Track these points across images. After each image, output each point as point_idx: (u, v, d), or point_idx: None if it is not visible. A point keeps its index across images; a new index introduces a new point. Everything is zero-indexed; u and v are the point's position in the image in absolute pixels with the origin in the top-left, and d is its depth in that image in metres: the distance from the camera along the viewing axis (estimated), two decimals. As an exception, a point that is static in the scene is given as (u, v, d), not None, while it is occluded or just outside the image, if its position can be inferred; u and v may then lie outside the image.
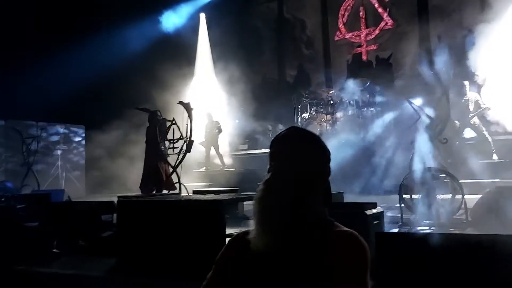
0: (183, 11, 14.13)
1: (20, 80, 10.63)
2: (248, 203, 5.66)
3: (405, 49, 11.57)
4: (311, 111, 12.08)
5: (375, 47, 13.51)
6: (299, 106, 12.35)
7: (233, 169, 11.39)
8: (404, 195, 5.59)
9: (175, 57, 12.39)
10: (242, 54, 13.33)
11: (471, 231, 4.68)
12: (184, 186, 8.38)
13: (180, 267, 3.74)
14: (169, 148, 8.52)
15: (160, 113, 8.66)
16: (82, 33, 11.49)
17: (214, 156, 11.80)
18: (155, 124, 8.45)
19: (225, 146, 12.31)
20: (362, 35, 13.71)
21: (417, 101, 6.09)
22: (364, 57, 13.69)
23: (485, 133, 8.74)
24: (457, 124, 8.66)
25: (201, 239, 3.77)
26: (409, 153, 5.91)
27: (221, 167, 11.58)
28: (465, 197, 5.23)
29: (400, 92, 9.78)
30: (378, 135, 9.80)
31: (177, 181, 8.32)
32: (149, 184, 8.33)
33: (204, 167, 11.91)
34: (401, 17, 13.03)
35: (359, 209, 3.84)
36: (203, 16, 14.49)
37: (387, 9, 13.27)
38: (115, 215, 5.23)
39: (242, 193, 6.50)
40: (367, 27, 13.69)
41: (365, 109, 10.97)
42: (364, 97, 11.11)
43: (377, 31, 13.45)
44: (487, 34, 8.15)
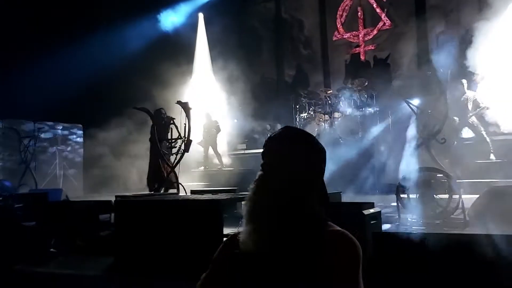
0: (181, 10, 14.15)
1: (18, 79, 10.59)
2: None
3: (403, 49, 11.59)
4: (309, 111, 12.11)
5: (373, 47, 13.53)
6: (298, 105, 12.37)
7: (232, 169, 11.38)
8: (401, 195, 5.60)
9: (173, 56, 12.38)
10: (240, 53, 13.34)
11: (468, 231, 4.69)
12: (182, 185, 8.37)
13: (177, 266, 3.74)
14: (168, 148, 8.52)
15: (164, 111, 8.66)
16: (80, 32, 11.45)
17: (212, 155, 11.79)
18: (160, 122, 8.45)
19: (223, 145, 12.30)
20: (360, 35, 13.72)
21: (415, 101, 6.09)
22: (362, 57, 13.70)
23: (483, 133, 8.74)
24: (456, 120, 8.65)
25: (199, 238, 3.78)
26: (406, 153, 5.91)
27: (220, 167, 11.58)
28: (463, 197, 5.22)
29: (398, 92, 9.78)
30: (375, 135, 9.83)
31: (175, 181, 8.31)
32: (155, 181, 8.35)
33: (202, 167, 11.91)
34: (399, 18, 13.04)
35: (356, 209, 3.85)
36: (201, 15, 14.51)
37: (385, 10, 13.28)
38: (112, 214, 5.23)
39: (240, 193, 6.49)
40: (365, 27, 13.70)
41: (363, 109, 10.99)
42: (362, 97, 11.13)
43: (375, 31, 13.46)
44: (486, 32, 8.15)
